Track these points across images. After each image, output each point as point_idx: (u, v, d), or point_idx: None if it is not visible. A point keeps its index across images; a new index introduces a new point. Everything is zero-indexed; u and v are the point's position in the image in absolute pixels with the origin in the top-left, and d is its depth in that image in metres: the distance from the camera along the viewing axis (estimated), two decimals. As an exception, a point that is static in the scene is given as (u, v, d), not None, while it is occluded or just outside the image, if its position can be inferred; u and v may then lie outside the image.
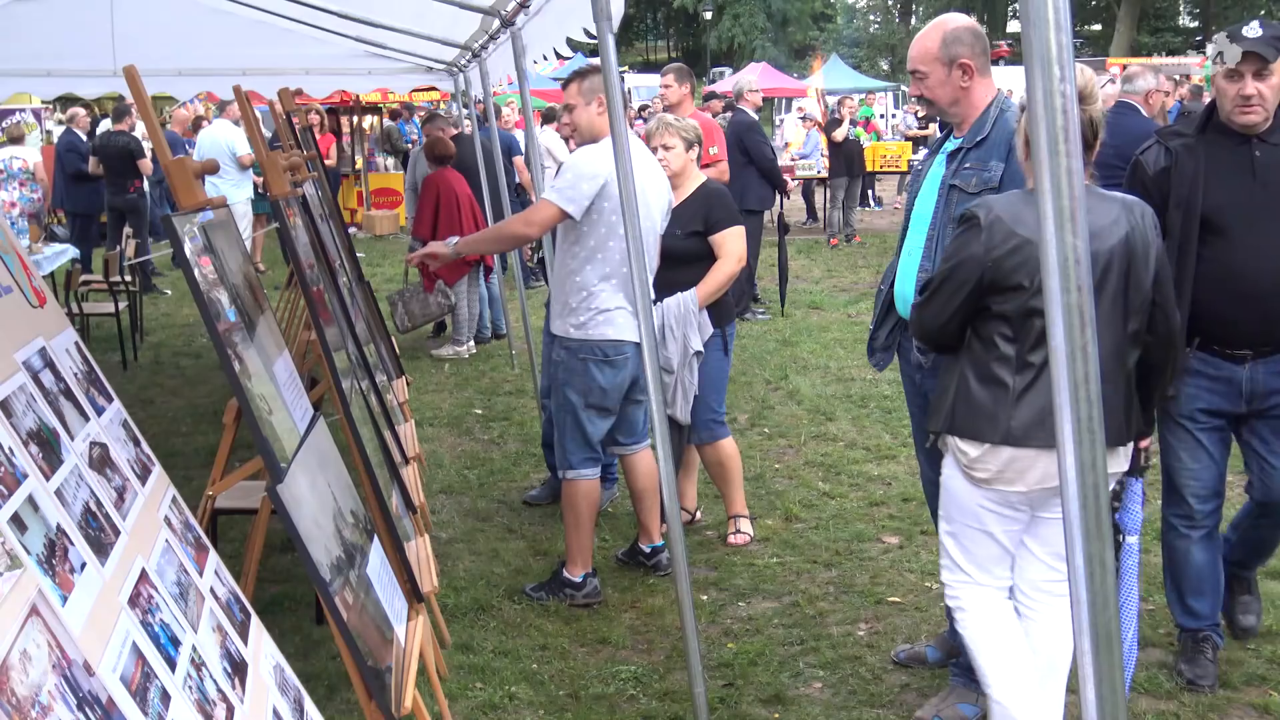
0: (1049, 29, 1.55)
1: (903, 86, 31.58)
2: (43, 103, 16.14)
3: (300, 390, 3.26)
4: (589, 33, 4.89)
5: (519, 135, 11.62)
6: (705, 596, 4.43)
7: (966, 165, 3.32)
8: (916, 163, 15.26)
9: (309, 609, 4.25)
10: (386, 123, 18.53)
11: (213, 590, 2.32)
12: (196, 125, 14.27)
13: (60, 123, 16.67)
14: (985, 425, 2.92)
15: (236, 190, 11.44)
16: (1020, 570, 3.15)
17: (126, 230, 10.62)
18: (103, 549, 1.90)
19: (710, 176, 5.03)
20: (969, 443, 2.96)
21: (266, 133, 8.73)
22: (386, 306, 8.55)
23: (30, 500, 1.74)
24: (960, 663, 3.55)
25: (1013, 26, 43.57)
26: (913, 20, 49.98)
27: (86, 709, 1.55)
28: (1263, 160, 3.47)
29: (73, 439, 2.06)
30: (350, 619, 2.57)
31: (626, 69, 35.70)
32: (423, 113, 14.40)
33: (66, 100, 13.55)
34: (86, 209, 11.91)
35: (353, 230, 15.13)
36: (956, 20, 3.39)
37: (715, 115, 10.16)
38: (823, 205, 15.79)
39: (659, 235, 4.41)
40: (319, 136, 14.50)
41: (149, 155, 11.37)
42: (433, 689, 3.31)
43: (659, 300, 4.53)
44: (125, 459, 2.29)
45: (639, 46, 59.49)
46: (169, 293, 12.00)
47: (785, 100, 28.89)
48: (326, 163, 11.03)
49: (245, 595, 2.56)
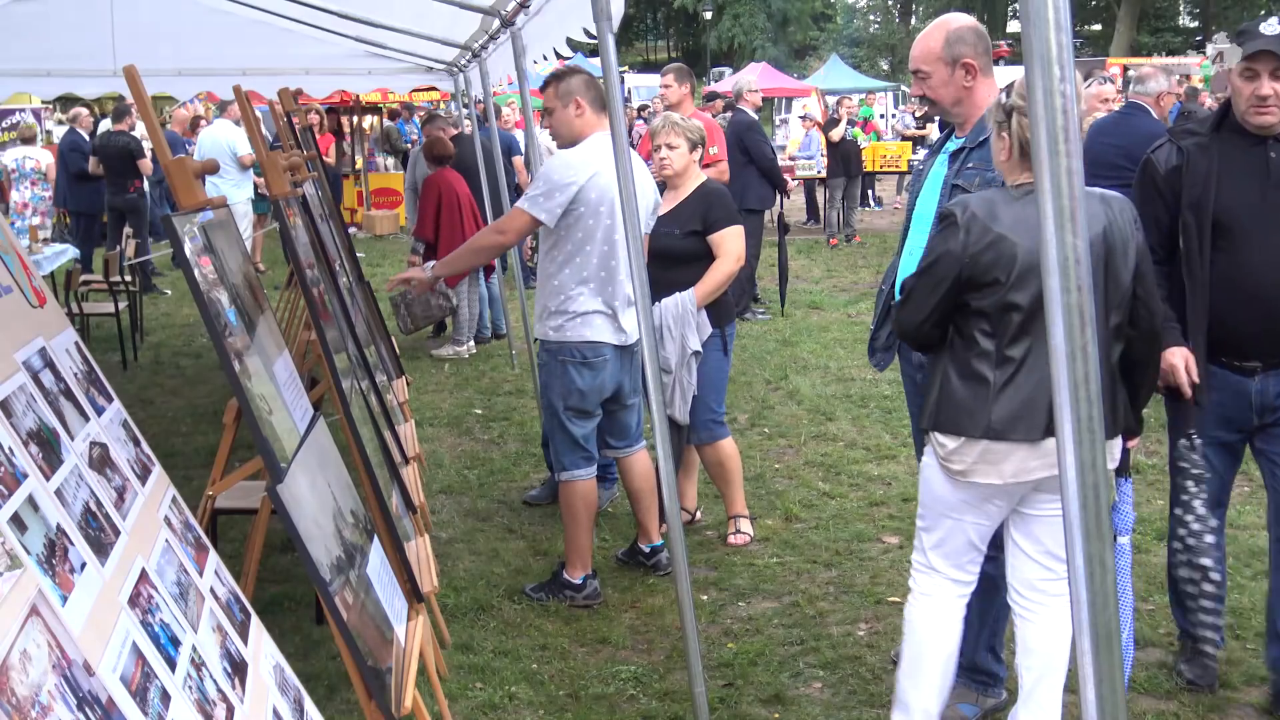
0: (1049, 29, 1.55)
1: (903, 86, 31.56)
2: (43, 103, 16.15)
3: (300, 390, 3.26)
4: (589, 33, 4.89)
5: (519, 135, 11.63)
6: (705, 596, 4.43)
7: (969, 165, 3.31)
8: (917, 163, 15.30)
9: (309, 609, 4.25)
10: (386, 123, 18.54)
11: (213, 590, 2.32)
12: (195, 125, 14.29)
13: (60, 122, 16.69)
14: (966, 420, 2.94)
15: (237, 190, 11.44)
16: (1014, 570, 3.15)
17: (126, 230, 10.63)
18: (103, 549, 1.90)
19: (710, 176, 5.03)
20: (948, 436, 2.99)
21: (267, 134, 8.74)
22: (387, 307, 8.55)
23: (30, 500, 1.74)
24: (960, 663, 3.54)
25: (1013, 26, 43.55)
26: (913, 20, 49.97)
27: (86, 709, 1.55)
28: (1278, 162, 3.34)
29: (73, 439, 2.06)
30: (350, 619, 2.57)
31: (626, 69, 35.71)
32: (422, 113, 14.41)
33: (67, 100, 13.56)
34: (89, 209, 11.92)
35: (353, 230, 15.13)
36: (959, 20, 3.38)
37: (715, 115, 10.16)
38: (823, 205, 15.80)
39: (645, 235, 4.41)
40: (319, 136, 14.51)
41: (149, 155, 11.38)
42: (433, 689, 3.31)
43: (656, 300, 4.53)
44: (125, 459, 2.29)
45: (639, 46, 59.50)
46: (169, 293, 12.00)
47: (785, 100, 28.86)
48: (325, 160, 11.01)
49: (245, 595, 2.56)
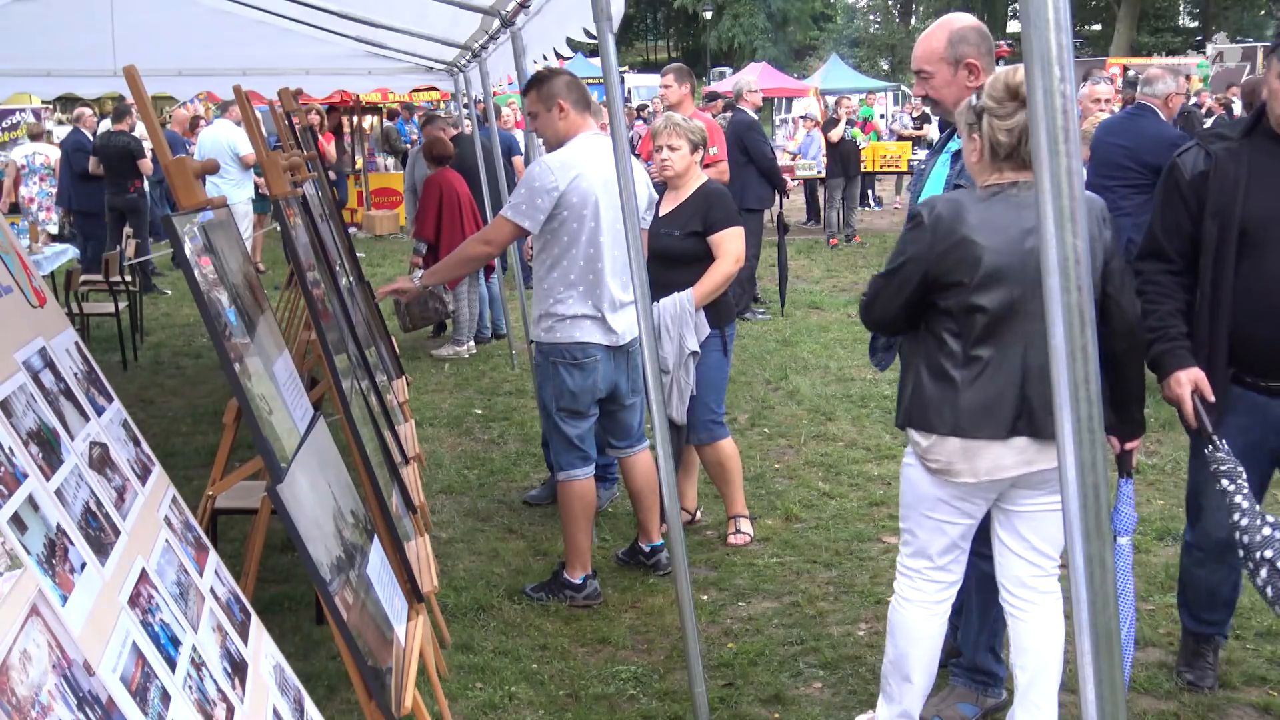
0: (1049, 29, 1.55)
1: (903, 87, 31.57)
2: (43, 103, 16.14)
3: (300, 390, 3.26)
4: (589, 33, 4.89)
5: (519, 135, 11.63)
6: (705, 596, 4.43)
7: None
8: (917, 163, 15.29)
9: (309, 609, 4.25)
10: (386, 123, 18.54)
11: (213, 590, 2.32)
12: (194, 125, 14.28)
13: (61, 122, 16.70)
14: (935, 417, 2.97)
15: (237, 190, 11.44)
16: (1003, 569, 3.15)
17: (126, 230, 10.64)
18: (103, 549, 1.90)
19: (710, 177, 5.03)
20: (921, 434, 3.02)
21: (269, 135, 8.73)
22: (387, 306, 8.54)
23: (30, 500, 1.74)
24: (960, 663, 3.55)
25: (1013, 26, 43.53)
26: (913, 20, 49.96)
27: (86, 709, 1.55)
28: None
29: (73, 439, 2.06)
30: (350, 619, 2.57)
31: (626, 69, 35.71)
32: (422, 113, 14.40)
33: (67, 100, 13.56)
34: (93, 208, 11.93)
35: (352, 230, 15.12)
36: (962, 20, 3.38)
37: (715, 115, 10.16)
38: (823, 205, 15.79)
39: (641, 230, 4.42)
40: (321, 135, 14.52)
41: (149, 155, 11.38)
42: (433, 689, 3.31)
43: (655, 300, 4.53)
44: (125, 459, 2.28)
45: (639, 46, 59.51)
46: (169, 293, 12.00)
47: (785, 100, 28.86)
48: (325, 159, 11.01)
49: (245, 595, 2.56)
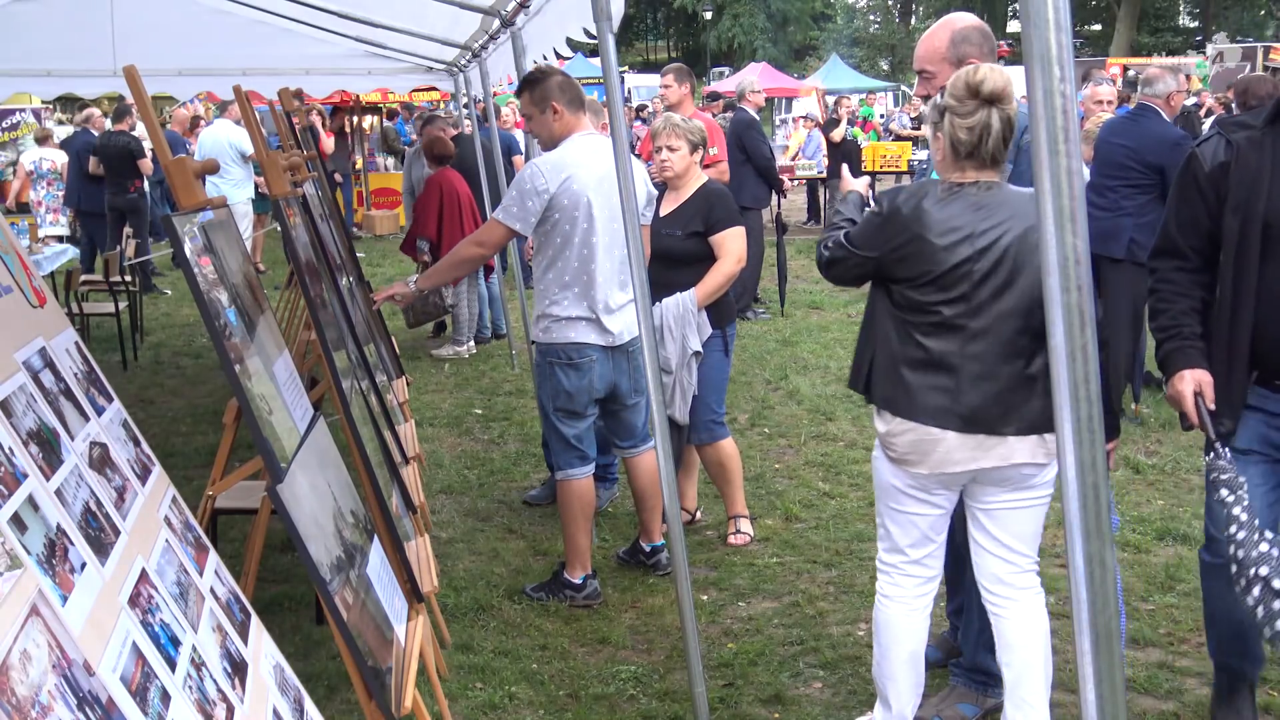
0: (1049, 29, 1.55)
1: (903, 87, 31.56)
2: (43, 103, 16.12)
3: (300, 390, 3.26)
4: (589, 33, 4.89)
5: (519, 135, 11.62)
6: (705, 596, 4.43)
7: None
8: (918, 163, 15.27)
9: (309, 609, 4.25)
10: (385, 123, 18.54)
11: (213, 590, 2.31)
12: (194, 125, 14.28)
13: (60, 122, 16.70)
14: (894, 401, 3.03)
15: (238, 190, 11.43)
16: (979, 567, 3.17)
17: (126, 230, 10.64)
18: (103, 549, 1.90)
19: (711, 177, 5.03)
20: (881, 416, 3.07)
21: (269, 135, 8.72)
22: (388, 305, 8.53)
23: (30, 500, 1.74)
24: (960, 663, 3.55)
25: (1013, 26, 43.53)
26: (913, 20, 49.95)
27: (86, 709, 1.55)
28: None
29: (73, 439, 2.06)
30: (350, 619, 2.57)
31: (626, 69, 35.71)
32: (423, 112, 14.40)
33: (67, 100, 13.55)
34: (100, 209, 11.94)
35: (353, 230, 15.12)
36: (964, 20, 3.38)
37: (716, 115, 10.16)
38: (824, 205, 15.79)
39: (644, 225, 4.44)
40: (325, 134, 14.52)
41: (149, 155, 11.38)
42: (433, 689, 3.31)
43: (657, 300, 4.54)
44: (125, 459, 2.28)
45: (639, 46, 59.51)
46: (169, 293, 12.00)
47: (786, 100, 28.86)
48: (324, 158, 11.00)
49: (245, 595, 2.56)
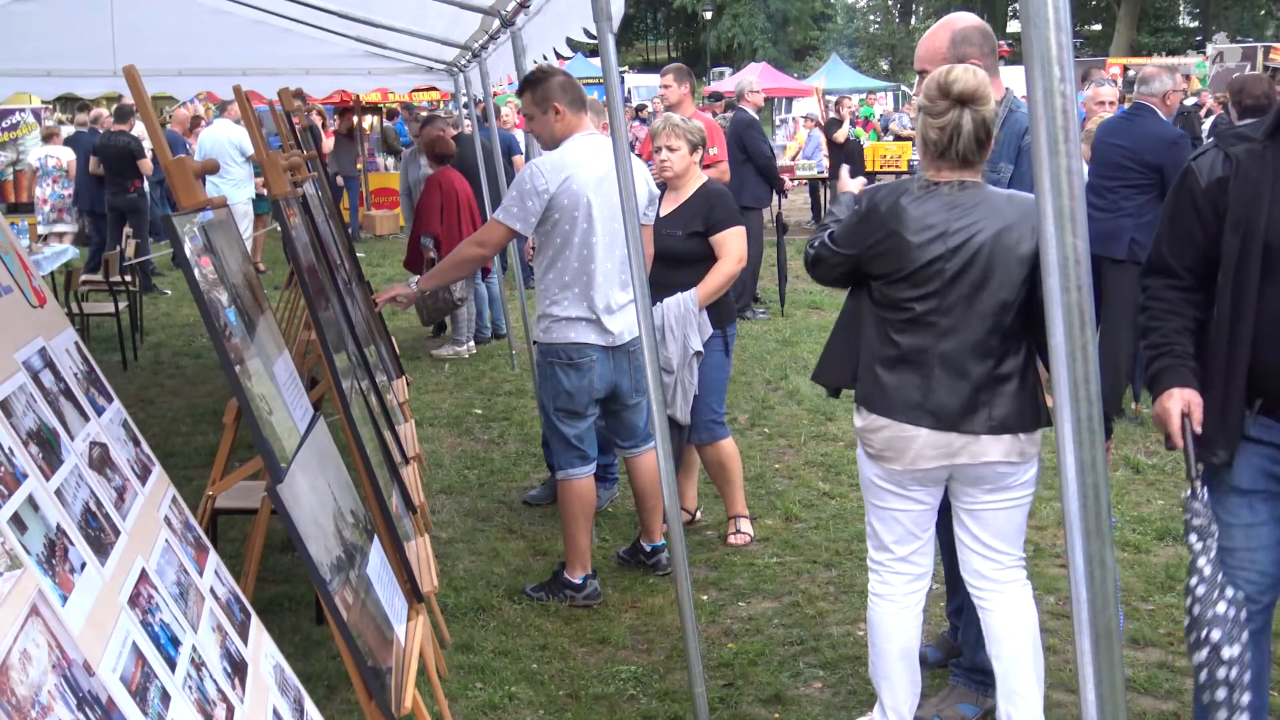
0: (1049, 29, 1.55)
1: (903, 86, 31.55)
2: (43, 103, 16.12)
3: (300, 390, 3.26)
4: (589, 33, 4.89)
5: (519, 135, 11.62)
6: (705, 596, 4.43)
7: None
8: (918, 163, 15.26)
9: (309, 609, 4.25)
10: (385, 123, 18.53)
11: (213, 590, 2.31)
12: (194, 125, 14.27)
13: (60, 122, 16.70)
14: (870, 396, 3.06)
15: (238, 190, 11.43)
16: (964, 563, 3.22)
17: (126, 230, 10.63)
18: (103, 549, 1.90)
19: (711, 177, 5.03)
20: (859, 412, 3.11)
21: (269, 135, 8.72)
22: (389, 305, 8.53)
23: (30, 500, 1.74)
24: (960, 663, 3.55)
25: (1013, 26, 43.52)
26: (913, 20, 49.95)
27: (86, 709, 1.55)
28: None
29: (73, 439, 2.06)
30: (350, 619, 2.57)
31: (626, 69, 35.71)
32: (423, 112, 14.40)
33: (67, 100, 13.54)
34: (104, 208, 11.93)
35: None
36: (965, 20, 3.38)
37: (717, 115, 10.16)
38: (826, 205, 15.79)
39: (647, 225, 4.44)
40: (326, 133, 14.51)
41: (149, 155, 11.38)
42: (433, 689, 3.31)
43: (658, 300, 4.54)
44: (125, 459, 2.28)
45: (639, 46, 59.50)
46: (169, 293, 12.00)
47: (785, 100, 28.85)
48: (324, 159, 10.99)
49: (245, 595, 2.56)
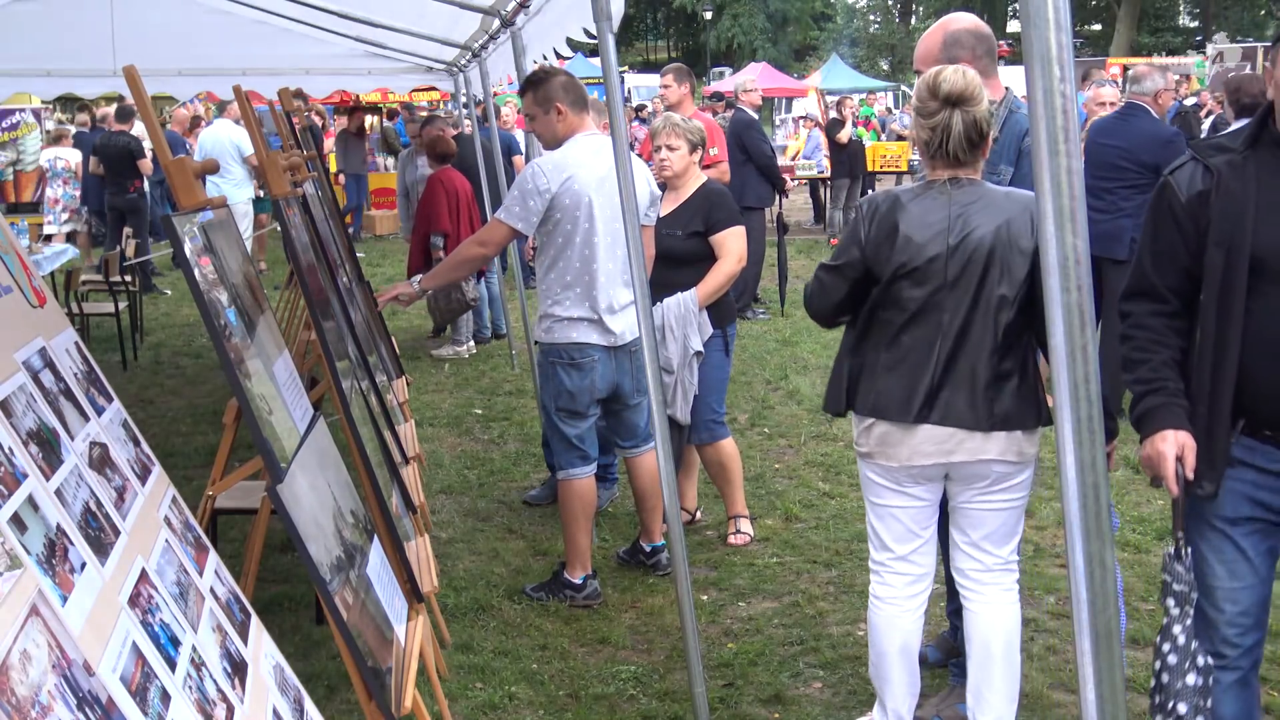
0: (1049, 29, 1.55)
1: (903, 87, 31.55)
2: (43, 103, 16.12)
3: (300, 390, 3.25)
4: (589, 33, 4.89)
5: (519, 135, 11.62)
6: (705, 596, 4.43)
7: None
8: (918, 162, 15.26)
9: (309, 609, 4.25)
10: (385, 123, 18.54)
11: (213, 590, 2.31)
12: (194, 125, 14.27)
13: (60, 122, 16.70)
14: (860, 399, 3.07)
15: (239, 190, 11.42)
16: (953, 560, 3.25)
17: (126, 230, 10.63)
18: (103, 549, 1.90)
19: (711, 177, 5.03)
20: (853, 416, 3.12)
21: (269, 135, 8.71)
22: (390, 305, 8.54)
23: (30, 500, 1.74)
24: (960, 663, 3.54)
25: (1013, 26, 43.52)
26: (913, 20, 49.95)
27: (86, 709, 1.55)
28: None
29: (73, 439, 2.06)
30: (350, 619, 2.57)
31: (626, 69, 35.72)
32: (423, 112, 14.40)
33: (67, 100, 13.53)
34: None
35: (353, 230, 15.08)
36: (960, 21, 3.37)
37: (717, 115, 10.16)
38: (827, 205, 15.79)
39: (648, 226, 4.44)
40: (326, 133, 14.50)
41: (149, 155, 11.38)
42: (433, 689, 3.31)
43: (658, 300, 4.54)
44: (125, 459, 2.28)
45: (639, 46, 59.51)
46: (169, 293, 12.00)
47: (785, 100, 28.84)
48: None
49: (245, 595, 2.56)
